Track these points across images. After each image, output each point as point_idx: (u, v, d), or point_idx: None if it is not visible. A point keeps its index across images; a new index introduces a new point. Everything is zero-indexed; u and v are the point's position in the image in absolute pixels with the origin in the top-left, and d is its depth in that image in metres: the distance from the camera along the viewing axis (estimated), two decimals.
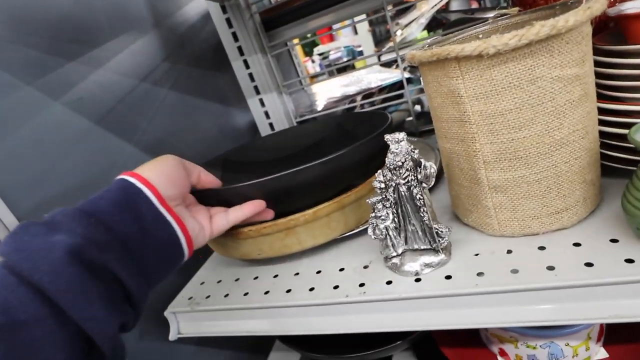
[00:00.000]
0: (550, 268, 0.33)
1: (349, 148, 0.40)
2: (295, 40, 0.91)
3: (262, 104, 0.81)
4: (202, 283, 0.50)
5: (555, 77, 0.31)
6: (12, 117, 0.43)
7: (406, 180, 0.35)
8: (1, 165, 0.42)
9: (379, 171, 0.36)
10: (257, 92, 0.80)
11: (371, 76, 0.99)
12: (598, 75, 0.40)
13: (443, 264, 0.37)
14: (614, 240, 0.34)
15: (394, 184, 0.36)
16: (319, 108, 0.95)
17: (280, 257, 0.47)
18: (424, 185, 0.34)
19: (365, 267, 0.41)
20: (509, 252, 0.36)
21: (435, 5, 2.12)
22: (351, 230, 0.45)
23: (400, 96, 0.79)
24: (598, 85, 0.40)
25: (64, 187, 0.47)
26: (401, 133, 0.35)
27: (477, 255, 0.37)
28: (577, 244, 0.34)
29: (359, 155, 0.41)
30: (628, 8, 0.37)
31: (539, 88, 0.31)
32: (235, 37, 0.76)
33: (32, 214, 0.43)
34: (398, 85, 0.88)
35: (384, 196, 0.37)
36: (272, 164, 0.63)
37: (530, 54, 0.30)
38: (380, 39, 2.52)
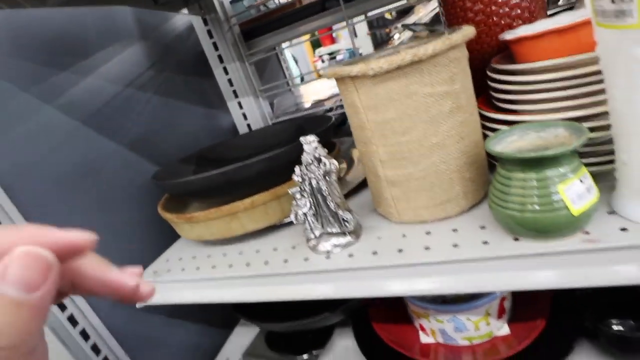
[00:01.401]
0: (427, 248, 0.40)
1: (278, 151, 0.48)
2: (305, 37, 0.96)
3: (241, 106, 0.90)
4: (167, 260, 0.58)
5: (427, 93, 0.38)
6: (12, 118, 0.53)
7: (314, 174, 0.43)
8: (3, 157, 0.51)
9: (297, 167, 0.44)
10: (236, 96, 0.89)
11: None
12: (494, 89, 0.47)
13: (350, 245, 0.45)
14: (482, 227, 0.41)
15: (308, 178, 0.44)
16: (306, 107, 1.03)
17: (230, 239, 0.55)
18: (327, 178, 0.42)
19: (293, 247, 0.49)
20: (404, 236, 0.44)
21: (434, 9, 2.17)
22: (287, 217, 0.53)
23: None
24: (494, 98, 0.47)
25: (55, 177, 0.56)
26: (312, 135, 0.43)
27: (379, 238, 0.45)
28: (454, 230, 0.42)
29: (287, 156, 0.49)
30: (508, 34, 0.44)
31: (414, 102, 0.39)
32: (215, 46, 0.85)
33: (29, 201, 0.52)
34: None
35: (301, 187, 0.45)
36: (236, 160, 0.71)
37: (404, 75, 0.38)
38: (380, 41, 2.59)
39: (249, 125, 0.91)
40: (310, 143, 0.42)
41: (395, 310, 0.61)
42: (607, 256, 0.34)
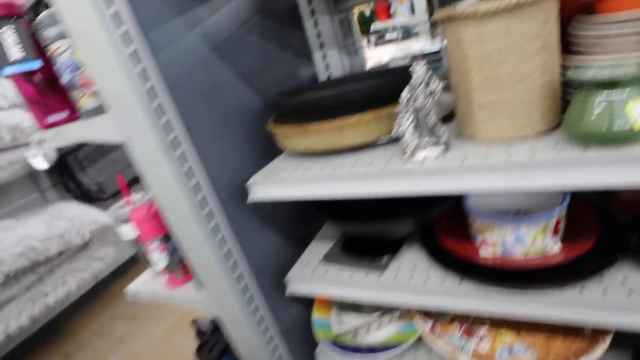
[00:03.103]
0: (508, 155, 0.52)
1: (385, 78, 0.60)
2: (358, 8, 1.08)
3: (324, 58, 1.01)
4: (273, 169, 0.72)
5: (522, 33, 0.49)
6: (171, 36, 0.67)
7: (421, 93, 0.54)
8: (169, 64, 0.65)
9: (407, 86, 0.55)
10: (322, 47, 1.01)
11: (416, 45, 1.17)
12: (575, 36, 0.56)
13: (443, 154, 0.57)
14: (556, 143, 0.51)
15: (414, 96, 0.55)
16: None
17: (330, 155, 0.68)
18: (431, 98, 0.54)
19: (388, 161, 0.62)
20: (488, 149, 0.55)
21: None
22: (388, 134, 0.65)
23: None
24: (574, 51, 0.57)
25: (194, 90, 0.70)
26: (422, 62, 0.54)
27: (466, 150, 0.56)
28: (532, 146, 0.52)
29: (392, 82, 0.61)
30: None
31: (511, 39, 0.49)
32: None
33: (181, 104, 0.67)
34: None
35: (407, 102, 0.56)
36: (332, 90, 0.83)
37: (506, 15, 0.48)
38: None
39: (328, 77, 1.03)
40: (422, 67, 0.54)
41: (459, 229, 0.72)
42: None
